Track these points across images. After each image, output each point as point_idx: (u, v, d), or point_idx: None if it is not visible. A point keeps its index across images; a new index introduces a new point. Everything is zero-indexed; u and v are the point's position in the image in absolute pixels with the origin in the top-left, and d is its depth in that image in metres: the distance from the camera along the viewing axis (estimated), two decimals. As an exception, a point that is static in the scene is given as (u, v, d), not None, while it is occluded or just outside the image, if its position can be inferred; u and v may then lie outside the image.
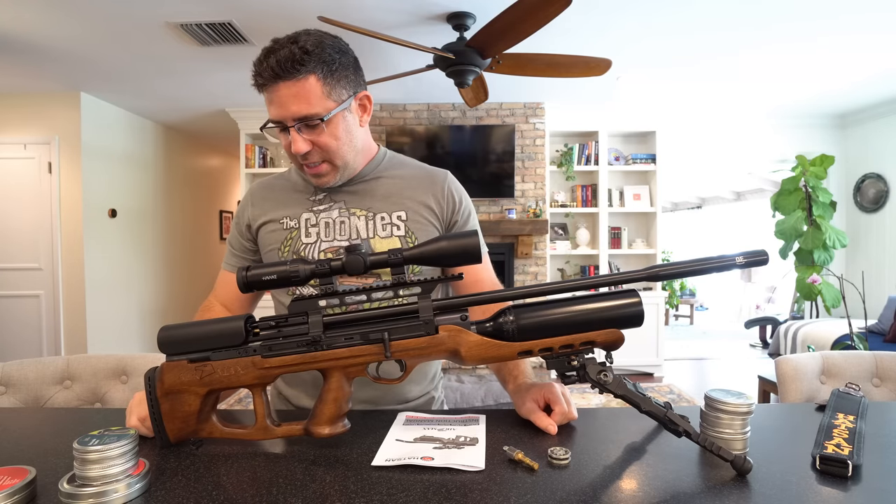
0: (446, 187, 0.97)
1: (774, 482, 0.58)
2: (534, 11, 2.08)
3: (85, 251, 3.91)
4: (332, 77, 0.83)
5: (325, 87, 0.82)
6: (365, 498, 0.56)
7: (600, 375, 0.65)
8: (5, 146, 3.83)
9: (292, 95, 0.80)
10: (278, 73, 0.79)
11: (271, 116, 0.84)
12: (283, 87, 0.80)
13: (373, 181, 0.96)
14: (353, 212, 0.93)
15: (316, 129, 0.83)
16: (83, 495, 0.53)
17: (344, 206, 0.94)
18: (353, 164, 0.92)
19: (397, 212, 0.94)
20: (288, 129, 0.84)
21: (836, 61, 3.30)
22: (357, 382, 0.89)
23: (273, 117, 0.84)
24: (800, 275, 4.19)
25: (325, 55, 0.82)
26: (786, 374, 1.16)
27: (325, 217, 0.93)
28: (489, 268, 1.00)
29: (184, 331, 0.69)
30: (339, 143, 0.86)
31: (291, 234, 0.93)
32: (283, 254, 0.93)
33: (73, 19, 2.63)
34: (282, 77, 0.80)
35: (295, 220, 0.94)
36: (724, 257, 0.63)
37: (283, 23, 2.71)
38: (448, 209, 0.97)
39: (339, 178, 0.91)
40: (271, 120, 0.85)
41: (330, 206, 0.94)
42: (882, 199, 4.35)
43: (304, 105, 0.81)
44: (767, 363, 4.53)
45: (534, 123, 4.30)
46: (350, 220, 0.93)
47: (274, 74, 0.80)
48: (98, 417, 0.88)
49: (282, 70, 0.79)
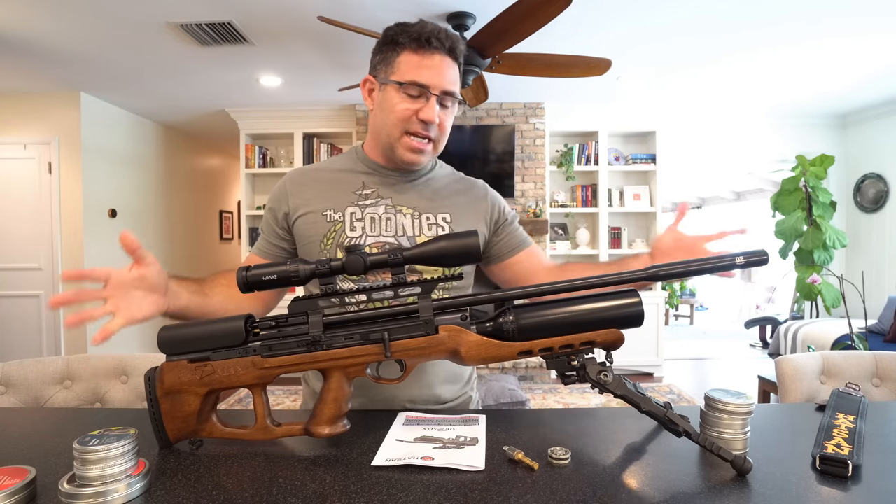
0: (489, 192, 1.02)
1: (774, 482, 0.58)
2: (534, 11, 2.08)
3: (85, 251, 3.91)
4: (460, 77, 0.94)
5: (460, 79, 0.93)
6: (365, 498, 0.56)
7: (600, 375, 0.65)
8: (5, 146, 3.83)
9: (452, 71, 0.89)
10: (452, 49, 0.89)
11: (422, 79, 0.87)
12: (447, 62, 0.89)
13: (421, 181, 0.98)
14: (400, 209, 0.94)
15: (447, 108, 0.91)
16: (83, 495, 0.53)
17: (391, 202, 0.94)
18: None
19: (442, 213, 0.94)
20: (424, 96, 0.88)
21: (836, 61, 3.30)
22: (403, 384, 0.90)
23: (424, 81, 0.87)
24: (800, 275, 4.19)
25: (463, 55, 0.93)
26: (786, 374, 1.16)
27: (370, 212, 0.93)
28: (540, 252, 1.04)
29: (184, 331, 0.69)
30: (449, 129, 0.94)
31: (335, 226, 0.92)
32: (325, 246, 0.91)
33: (74, 19, 2.63)
34: (452, 53, 0.89)
35: (339, 212, 0.92)
36: (724, 257, 0.63)
37: (283, 23, 2.71)
38: (496, 214, 1.00)
39: (427, 163, 0.96)
40: (418, 83, 0.87)
41: (377, 201, 0.94)
42: (882, 199, 4.35)
43: (454, 84, 0.90)
44: (767, 363, 4.53)
45: (534, 123, 4.30)
46: (396, 216, 0.93)
47: (450, 48, 0.88)
48: (98, 417, 0.88)
49: (455, 47, 0.89)
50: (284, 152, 4.57)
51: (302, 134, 4.43)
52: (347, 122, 4.41)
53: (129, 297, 0.71)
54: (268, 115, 4.40)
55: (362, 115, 4.29)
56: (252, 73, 3.51)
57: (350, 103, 4.28)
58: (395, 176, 0.96)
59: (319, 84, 3.76)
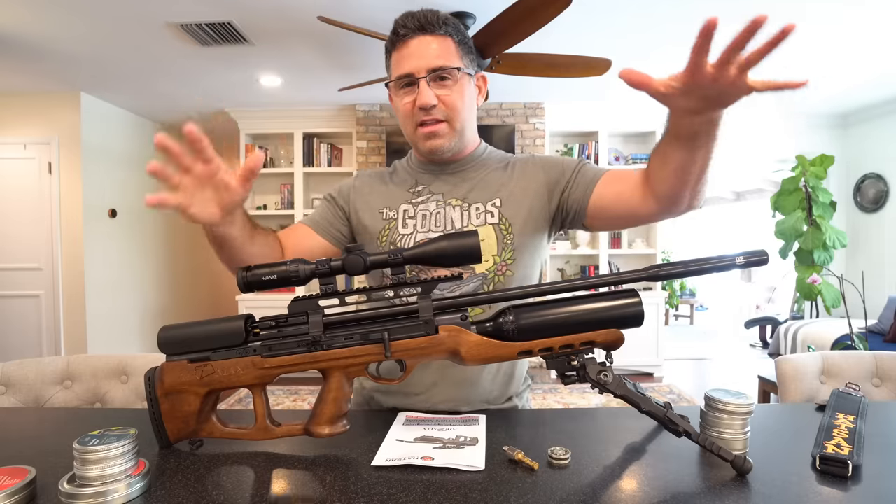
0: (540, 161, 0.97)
1: (774, 482, 0.58)
2: (534, 11, 2.08)
3: (85, 251, 3.91)
4: (465, 46, 0.91)
5: (459, 51, 0.89)
6: (365, 498, 0.56)
7: (600, 375, 0.65)
8: (5, 146, 3.83)
9: (432, 48, 0.86)
10: (424, 26, 0.86)
11: (403, 70, 0.87)
12: (424, 40, 0.86)
13: (471, 170, 0.97)
14: (450, 202, 0.94)
15: (446, 83, 0.88)
16: (83, 495, 0.53)
17: (441, 197, 0.95)
18: (467, 135, 0.94)
19: (493, 199, 0.93)
20: (415, 83, 0.87)
21: (837, 62, 3.30)
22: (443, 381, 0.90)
23: (405, 70, 0.87)
24: (800, 275, 4.19)
25: (459, 27, 0.90)
26: (786, 374, 1.16)
27: (422, 209, 0.94)
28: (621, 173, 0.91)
29: (184, 331, 0.69)
30: (463, 103, 0.90)
31: (390, 224, 0.94)
32: (381, 243, 0.94)
33: (74, 19, 2.63)
34: (426, 30, 0.86)
35: (394, 210, 0.95)
36: (724, 257, 0.63)
37: (283, 23, 2.71)
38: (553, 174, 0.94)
39: (452, 144, 0.92)
40: (401, 75, 0.88)
41: (428, 197, 0.95)
42: (882, 199, 4.35)
43: (442, 58, 0.87)
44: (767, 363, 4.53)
45: (534, 123, 4.29)
46: (445, 210, 0.93)
47: (420, 26, 0.86)
48: (98, 417, 0.88)
49: (428, 23, 0.86)
50: (284, 152, 4.57)
51: (302, 134, 4.43)
52: (347, 122, 4.41)
53: (200, 193, 0.68)
54: (268, 115, 4.40)
55: (362, 115, 4.29)
56: (252, 73, 3.51)
57: (350, 103, 4.28)
58: (441, 168, 0.97)
59: (319, 84, 3.76)
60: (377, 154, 4.26)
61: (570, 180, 0.93)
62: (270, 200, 4.65)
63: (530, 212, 0.93)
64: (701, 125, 0.68)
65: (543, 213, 0.94)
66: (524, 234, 0.92)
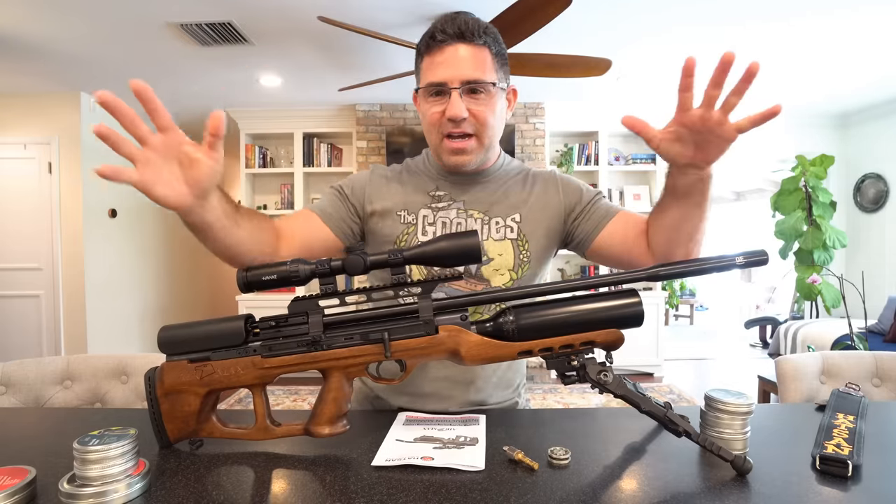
0: (561, 182, 0.96)
1: (774, 482, 0.58)
2: (534, 11, 2.08)
3: (85, 251, 3.91)
4: (501, 59, 0.88)
5: (495, 63, 0.86)
6: (365, 498, 0.56)
7: (600, 375, 0.65)
8: (5, 146, 3.83)
9: (470, 58, 0.83)
10: (463, 33, 0.83)
11: (437, 78, 0.84)
12: (462, 48, 0.83)
13: (493, 182, 0.96)
14: (471, 213, 0.93)
15: (479, 97, 0.85)
16: (83, 495, 0.53)
17: (462, 206, 0.93)
18: (492, 150, 0.93)
19: (512, 214, 0.93)
20: (446, 93, 0.84)
21: (837, 62, 3.30)
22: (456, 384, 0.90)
23: (439, 79, 0.84)
24: (800, 275, 4.19)
25: (498, 39, 0.87)
26: (786, 374, 1.16)
27: (442, 216, 0.92)
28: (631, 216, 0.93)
29: (184, 331, 0.69)
30: (494, 119, 0.87)
31: (409, 229, 0.92)
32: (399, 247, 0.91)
33: (74, 19, 2.63)
34: (465, 38, 0.83)
35: (413, 214, 0.92)
36: (724, 257, 0.63)
37: (283, 23, 2.71)
38: (570, 200, 0.94)
39: (478, 160, 0.90)
40: (433, 83, 0.84)
41: (449, 204, 0.93)
42: (882, 199, 4.35)
43: (478, 70, 0.83)
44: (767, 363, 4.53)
45: (534, 123, 4.29)
46: (467, 221, 0.92)
47: (459, 33, 0.82)
48: (98, 417, 0.88)
49: (468, 31, 0.83)
50: (284, 152, 4.57)
51: (302, 134, 4.43)
52: (347, 122, 4.41)
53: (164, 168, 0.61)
54: (268, 115, 4.40)
55: (362, 115, 4.29)
56: (252, 73, 3.51)
57: (350, 103, 4.28)
58: (461, 177, 0.95)
59: (319, 84, 3.76)
60: (377, 154, 4.26)
61: (584, 209, 0.94)
62: (270, 200, 4.65)
63: (547, 231, 0.93)
64: (695, 183, 0.73)
65: (557, 233, 0.95)
66: (538, 250, 0.93)
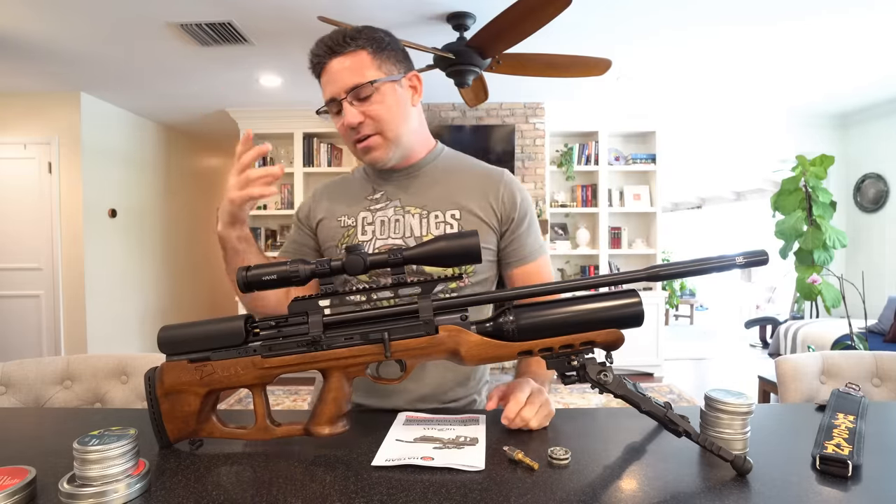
0: (503, 187, 0.95)
1: (774, 482, 0.58)
2: (534, 11, 2.08)
3: (85, 251, 3.91)
4: (382, 53, 0.88)
5: (375, 60, 0.87)
6: (365, 498, 0.56)
7: (600, 375, 0.65)
8: (5, 146, 3.83)
9: (345, 68, 0.86)
10: (332, 48, 0.86)
11: (326, 96, 0.89)
12: (336, 62, 0.86)
13: (429, 176, 0.96)
14: (408, 210, 0.94)
15: (367, 99, 0.87)
16: (83, 495, 0.53)
17: (399, 204, 0.95)
18: (407, 141, 0.93)
19: (451, 210, 0.93)
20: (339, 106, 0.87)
21: (837, 62, 3.30)
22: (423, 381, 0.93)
23: (328, 96, 0.88)
24: (800, 275, 4.19)
25: (374, 35, 0.88)
26: (786, 374, 1.16)
27: (381, 216, 0.94)
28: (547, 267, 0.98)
29: (184, 331, 0.69)
30: (391, 113, 0.89)
31: (348, 231, 0.95)
32: (340, 251, 0.94)
33: (74, 19, 2.63)
34: (335, 51, 0.86)
35: (352, 217, 0.96)
36: (724, 257, 0.63)
37: (283, 23, 2.71)
38: (507, 208, 0.95)
39: (392, 154, 0.91)
40: (326, 101, 0.89)
41: (386, 204, 0.95)
42: (882, 199, 4.35)
43: (356, 75, 0.86)
44: (767, 363, 4.53)
45: (534, 123, 4.30)
46: (404, 217, 0.93)
47: (328, 49, 0.86)
48: (98, 417, 0.88)
49: (335, 44, 0.86)
50: (284, 152, 4.57)
51: (302, 134, 4.43)
52: (347, 122, 4.41)
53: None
54: (268, 115, 4.40)
55: (362, 115, 4.28)
56: (252, 73, 3.51)
57: (350, 103, 4.27)
58: (396, 174, 0.97)
59: (319, 84, 3.76)
60: (377, 154, 4.26)
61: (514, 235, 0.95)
62: (270, 200, 4.65)
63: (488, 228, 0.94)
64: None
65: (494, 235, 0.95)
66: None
